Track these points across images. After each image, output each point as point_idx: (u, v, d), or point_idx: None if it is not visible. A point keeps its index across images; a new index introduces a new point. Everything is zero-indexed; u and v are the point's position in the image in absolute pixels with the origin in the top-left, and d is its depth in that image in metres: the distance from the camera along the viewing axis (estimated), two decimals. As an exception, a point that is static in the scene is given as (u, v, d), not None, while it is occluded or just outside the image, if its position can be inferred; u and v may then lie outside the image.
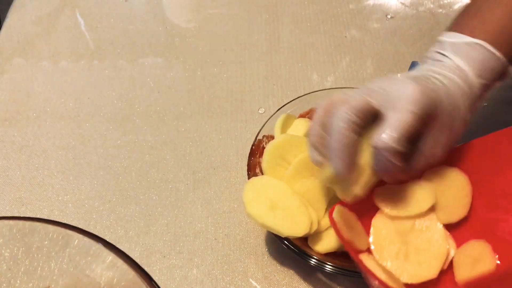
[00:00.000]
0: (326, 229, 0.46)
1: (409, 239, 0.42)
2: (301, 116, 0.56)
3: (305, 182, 0.46)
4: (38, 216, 0.55)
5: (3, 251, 0.38)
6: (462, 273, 0.41)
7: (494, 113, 0.64)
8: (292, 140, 0.48)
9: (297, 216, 0.45)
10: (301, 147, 0.47)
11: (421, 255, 0.42)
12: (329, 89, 0.58)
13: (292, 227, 0.44)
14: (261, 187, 0.46)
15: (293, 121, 0.54)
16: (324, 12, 0.78)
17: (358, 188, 0.41)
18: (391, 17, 0.77)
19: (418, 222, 0.43)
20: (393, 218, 0.43)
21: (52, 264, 0.38)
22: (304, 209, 0.45)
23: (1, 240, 0.38)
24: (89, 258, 0.37)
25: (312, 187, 0.46)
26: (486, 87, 0.43)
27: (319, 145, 0.40)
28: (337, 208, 0.41)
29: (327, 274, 0.51)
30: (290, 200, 0.45)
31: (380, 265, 0.41)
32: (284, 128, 0.53)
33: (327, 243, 0.46)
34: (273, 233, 0.45)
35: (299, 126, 0.53)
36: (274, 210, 0.44)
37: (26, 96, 0.67)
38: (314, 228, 0.45)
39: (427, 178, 0.44)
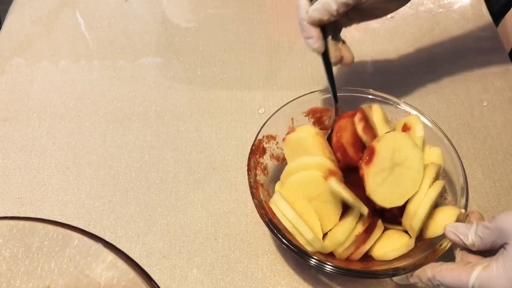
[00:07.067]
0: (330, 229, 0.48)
1: None
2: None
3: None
4: (38, 216, 0.55)
5: (3, 251, 0.38)
6: None
7: (495, 112, 0.64)
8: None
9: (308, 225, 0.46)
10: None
11: None
12: (329, 89, 0.58)
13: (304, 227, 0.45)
14: (309, 180, 0.48)
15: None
16: (324, 12, 0.78)
17: None
18: (391, 17, 0.77)
19: None
20: None
21: (52, 264, 0.38)
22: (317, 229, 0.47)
23: (1, 240, 0.38)
24: (89, 258, 0.37)
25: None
26: None
27: None
28: None
29: (327, 274, 0.51)
30: (308, 210, 0.48)
31: None
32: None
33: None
34: (273, 233, 0.46)
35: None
36: (306, 203, 0.47)
37: (26, 96, 0.67)
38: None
39: None
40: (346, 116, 0.52)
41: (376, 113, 0.54)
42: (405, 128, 0.53)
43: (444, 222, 0.46)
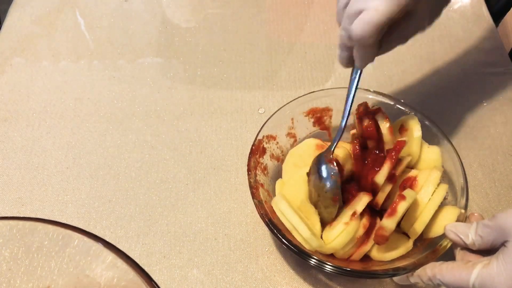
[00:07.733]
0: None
1: None
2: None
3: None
4: (38, 216, 0.55)
5: (3, 251, 0.38)
6: None
7: (495, 112, 0.64)
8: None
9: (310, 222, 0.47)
10: None
11: None
12: (329, 89, 0.58)
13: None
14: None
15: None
16: (324, 12, 0.78)
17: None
18: (391, 17, 0.77)
19: None
20: None
21: (52, 264, 0.38)
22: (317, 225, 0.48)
23: (1, 240, 0.38)
24: (89, 258, 0.37)
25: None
26: None
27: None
28: None
29: (327, 274, 0.51)
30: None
31: None
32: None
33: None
34: (273, 233, 0.46)
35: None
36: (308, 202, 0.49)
37: (26, 96, 0.67)
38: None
39: None
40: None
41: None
42: (402, 129, 0.53)
43: (444, 222, 0.46)
